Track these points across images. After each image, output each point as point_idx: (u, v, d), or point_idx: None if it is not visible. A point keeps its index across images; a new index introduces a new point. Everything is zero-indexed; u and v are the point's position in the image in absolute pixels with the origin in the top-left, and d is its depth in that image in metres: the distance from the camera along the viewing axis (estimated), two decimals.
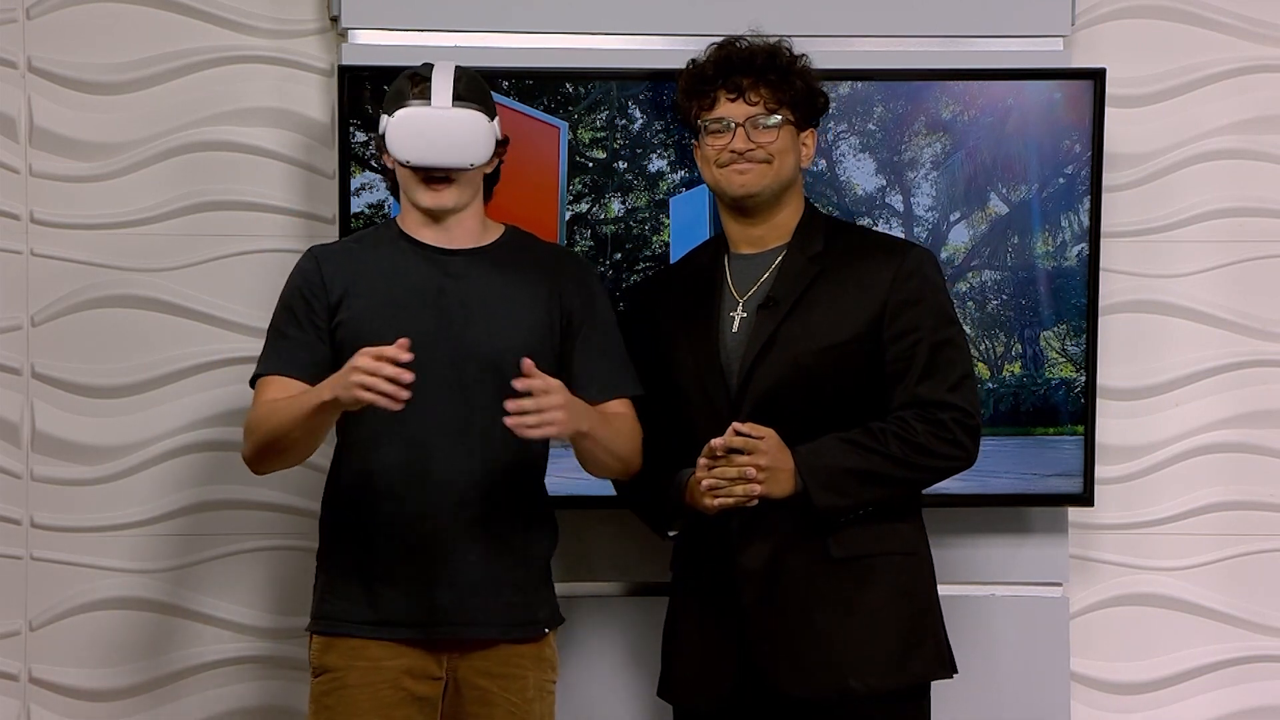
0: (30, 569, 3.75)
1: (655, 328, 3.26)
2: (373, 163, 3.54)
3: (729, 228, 3.25)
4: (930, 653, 3.16)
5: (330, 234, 3.66)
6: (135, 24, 3.75)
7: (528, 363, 2.94)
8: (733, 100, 3.16)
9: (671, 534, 3.26)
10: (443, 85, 3.10)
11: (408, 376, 2.89)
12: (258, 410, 3.11)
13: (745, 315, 3.18)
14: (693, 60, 3.23)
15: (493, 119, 3.14)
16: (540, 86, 3.62)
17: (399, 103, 3.11)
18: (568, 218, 3.65)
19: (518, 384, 2.92)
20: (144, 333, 3.75)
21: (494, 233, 3.21)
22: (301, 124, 3.77)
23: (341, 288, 3.15)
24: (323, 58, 3.77)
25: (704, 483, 3.06)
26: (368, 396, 2.89)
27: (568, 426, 2.98)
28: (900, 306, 3.14)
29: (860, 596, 3.11)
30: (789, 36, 3.22)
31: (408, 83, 3.13)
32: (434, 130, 3.08)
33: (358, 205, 3.60)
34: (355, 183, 3.60)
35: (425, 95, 3.09)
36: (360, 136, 3.57)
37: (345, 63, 3.60)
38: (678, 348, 3.21)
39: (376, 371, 2.88)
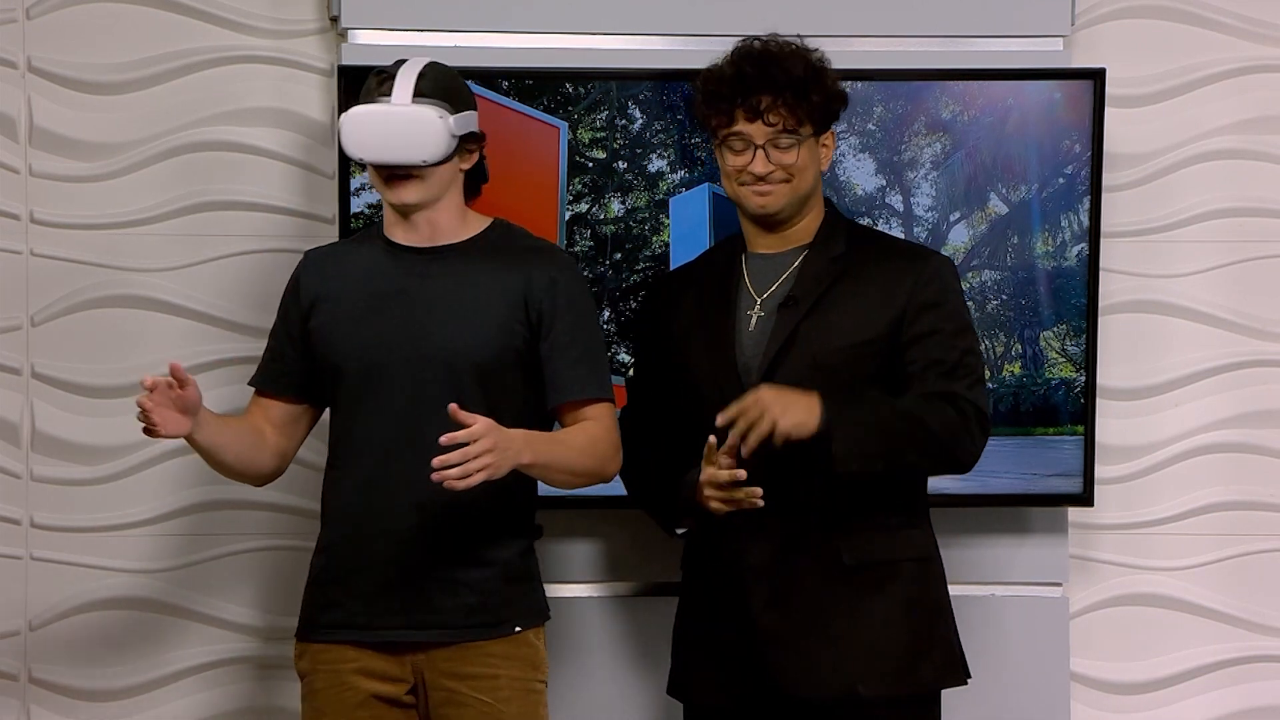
0: (30, 569, 3.75)
1: (670, 326, 3.24)
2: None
3: (747, 228, 3.23)
4: (940, 660, 3.15)
5: (330, 234, 3.67)
6: (135, 24, 3.74)
7: (453, 407, 2.88)
8: (751, 121, 3.12)
9: (680, 532, 3.25)
10: (405, 82, 3.07)
11: (147, 405, 2.93)
12: None
13: (763, 314, 3.17)
14: (711, 65, 3.17)
15: (457, 114, 3.08)
16: (540, 86, 3.62)
17: (356, 100, 3.11)
18: (567, 218, 3.65)
19: (443, 439, 2.85)
20: (144, 333, 3.75)
21: (474, 228, 3.17)
22: (301, 124, 3.76)
23: (313, 294, 3.17)
24: (322, 58, 3.77)
25: (711, 504, 3.07)
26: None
27: (499, 468, 2.90)
28: (920, 309, 3.12)
29: (871, 603, 3.10)
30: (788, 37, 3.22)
31: (373, 80, 3.11)
32: (382, 127, 3.06)
33: (357, 205, 3.60)
34: (355, 183, 3.60)
35: (388, 93, 3.07)
36: None
37: (345, 63, 3.60)
38: (693, 346, 3.20)
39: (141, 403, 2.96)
